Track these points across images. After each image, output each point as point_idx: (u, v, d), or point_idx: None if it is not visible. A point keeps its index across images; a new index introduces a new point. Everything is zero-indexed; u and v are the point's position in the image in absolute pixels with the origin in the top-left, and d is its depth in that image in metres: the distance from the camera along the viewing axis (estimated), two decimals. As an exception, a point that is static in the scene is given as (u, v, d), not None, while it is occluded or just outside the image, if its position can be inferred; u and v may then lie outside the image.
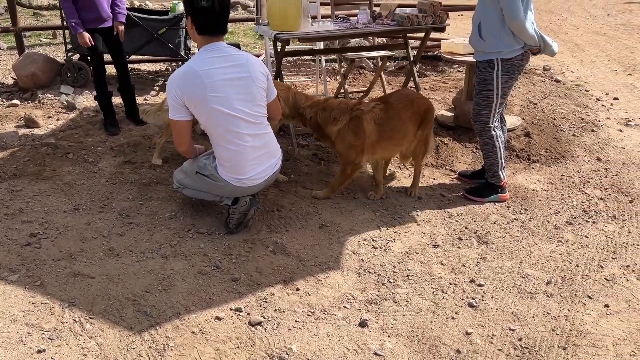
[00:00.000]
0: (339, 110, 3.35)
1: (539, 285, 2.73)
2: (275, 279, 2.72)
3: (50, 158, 3.88)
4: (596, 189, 3.74)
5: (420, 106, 3.44)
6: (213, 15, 2.69)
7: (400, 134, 3.38)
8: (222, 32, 2.78)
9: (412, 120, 3.39)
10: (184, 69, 2.72)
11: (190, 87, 2.68)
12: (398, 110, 3.36)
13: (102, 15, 4.02)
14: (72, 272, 2.70)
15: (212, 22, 2.70)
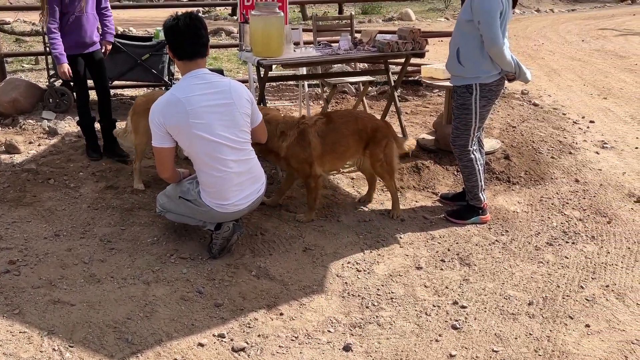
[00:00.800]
0: (285, 124, 3.38)
1: (521, 306, 2.75)
2: (258, 304, 2.71)
3: (31, 184, 3.85)
4: (575, 210, 3.81)
5: (366, 124, 3.50)
6: (184, 37, 2.71)
7: (342, 148, 3.44)
8: (200, 56, 2.79)
9: (354, 136, 3.46)
10: (167, 96, 2.74)
11: (173, 114, 2.70)
12: (339, 125, 3.44)
13: (86, 41, 4.01)
14: (51, 299, 2.66)
15: (186, 44, 2.72)
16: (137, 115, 3.73)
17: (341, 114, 3.61)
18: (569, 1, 22.73)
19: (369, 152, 3.53)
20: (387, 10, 18.64)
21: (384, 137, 3.55)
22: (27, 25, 11.19)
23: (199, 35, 2.75)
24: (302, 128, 3.36)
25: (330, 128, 3.41)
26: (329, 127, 3.41)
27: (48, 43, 3.93)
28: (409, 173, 4.20)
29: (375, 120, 3.64)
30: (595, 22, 15.33)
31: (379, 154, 3.53)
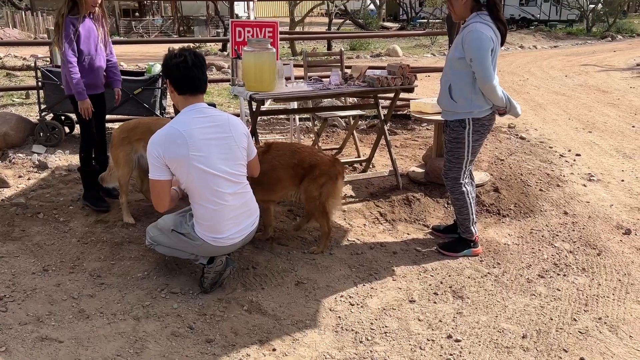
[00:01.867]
0: None
1: (515, 340, 2.74)
2: (251, 339, 2.67)
3: (20, 218, 3.80)
4: (565, 242, 3.83)
5: (304, 159, 3.43)
6: (187, 72, 2.76)
7: (271, 180, 3.41)
8: (201, 91, 2.84)
9: (287, 170, 3.42)
10: (167, 129, 2.76)
11: (173, 146, 2.71)
12: (274, 156, 3.42)
13: (98, 82, 3.92)
14: (39, 336, 2.60)
15: (189, 78, 2.76)
16: (114, 147, 3.71)
17: (281, 146, 3.54)
18: (551, 38, 23.44)
19: (303, 188, 3.47)
20: (374, 46, 19.06)
21: (322, 174, 3.43)
22: (18, 60, 11.28)
23: (203, 71, 2.81)
24: None
25: (265, 159, 3.37)
26: (264, 158, 3.36)
27: (66, 74, 3.65)
28: (399, 205, 4.22)
29: (317, 156, 3.49)
30: (577, 58, 15.79)
31: (312, 191, 3.43)
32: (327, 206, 3.49)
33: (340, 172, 3.57)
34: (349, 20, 25.23)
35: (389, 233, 3.88)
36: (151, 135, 3.57)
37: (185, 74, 2.75)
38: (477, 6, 3.23)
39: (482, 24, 3.15)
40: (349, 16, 25.27)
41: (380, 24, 27.67)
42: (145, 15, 30.51)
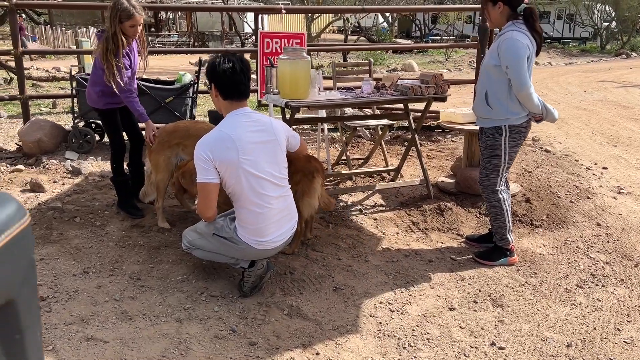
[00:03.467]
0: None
1: (559, 348, 2.71)
2: (293, 343, 2.66)
3: (57, 222, 3.84)
4: (600, 253, 3.80)
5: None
6: (236, 77, 2.80)
7: None
8: (246, 96, 2.89)
9: None
10: (216, 133, 2.79)
11: (223, 150, 2.74)
12: None
13: None
14: (84, 336, 2.61)
15: (236, 84, 2.80)
16: (154, 152, 3.73)
17: None
18: (566, 55, 23.44)
19: None
20: (389, 61, 19.17)
21: (297, 171, 3.32)
22: (42, 72, 11.48)
23: (249, 77, 2.86)
24: None
25: None
26: None
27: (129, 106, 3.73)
28: (432, 214, 4.22)
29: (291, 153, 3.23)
30: (594, 74, 15.76)
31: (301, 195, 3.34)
32: (300, 205, 3.32)
33: (318, 169, 3.44)
34: (363, 37, 25.41)
35: (422, 241, 3.87)
36: (190, 138, 3.61)
37: (232, 80, 2.79)
38: (513, 15, 3.25)
39: (518, 32, 3.18)
40: (363, 33, 25.46)
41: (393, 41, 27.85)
42: (162, 31, 30.95)
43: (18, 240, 0.61)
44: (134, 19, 3.57)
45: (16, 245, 0.60)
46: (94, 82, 3.76)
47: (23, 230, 0.63)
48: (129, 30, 3.61)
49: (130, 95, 3.69)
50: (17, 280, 0.61)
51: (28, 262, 0.64)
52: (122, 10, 3.53)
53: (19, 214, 0.65)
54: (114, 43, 3.53)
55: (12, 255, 0.59)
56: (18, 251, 0.61)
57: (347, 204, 4.44)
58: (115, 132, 3.92)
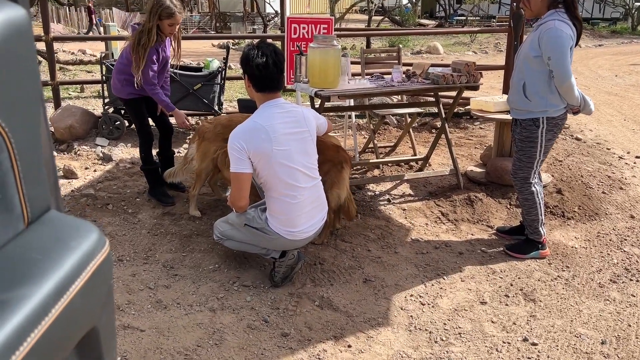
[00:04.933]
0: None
1: (594, 345, 2.68)
2: (325, 335, 2.68)
3: (91, 209, 3.92)
4: (634, 247, 3.73)
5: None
6: (269, 71, 2.79)
7: None
8: (279, 88, 2.88)
9: None
10: (250, 124, 2.80)
11: (257, 141, 2.75)
12: None
13: None
14: (121, 324, 2.67)
15: (269, 78, 2.80)
16: (207, 140, 3.72)
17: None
18: (595, 36, 22.78)
19: None
20: (413, 43, 18.88)
21: (326, 161, 3.26)
22: (68, 55, 11.59)
23: (282, 70, 2.85)
24: None
25: None
26: None
27: (155, 98, 3.78)
28: (461, 205, 4.18)
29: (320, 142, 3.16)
30: (625, 57, 15.30)
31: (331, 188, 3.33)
32: (329, 196, 3.29)
33: (346, 160, 3.40)
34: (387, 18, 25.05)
35: (452, 233, 3.84)
36: None
37: (266, 74, 2.78)
38: (554, 3, 3.16)
39: (561, 21, 3.08)
40: (387, 14, 25.09)
41: (417, 21, 27.40)
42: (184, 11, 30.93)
43: (101, 268, 0.62)
44: (174, 18, 3.60)
45: (99, 273, 0.61)
46: (118, 71, 3.80)
47: (105, 259, 0.64)
48: (167, 28, 3.64)
49: (154, 88, 3.73)
50: (100, 308, 0.63)
51: (108, 288, 0.65)
52: (164, 8, 3.55)
53: (100, 243, 0.66)
54: (148, 37, 3.56)
55: (96, 284, 0.61)
56: (101, 279, 0.62)
57: (375, 194, 4.42)
58: (141, 121, 3.95)
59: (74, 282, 0.58)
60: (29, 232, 0.62)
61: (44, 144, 0.66)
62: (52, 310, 0.53)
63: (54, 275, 0.55)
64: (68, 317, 0.56)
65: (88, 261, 0.61)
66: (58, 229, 0.65)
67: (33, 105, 0.64)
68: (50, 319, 0.52)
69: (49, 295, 0.53)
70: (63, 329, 0.55)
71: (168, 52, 3.89)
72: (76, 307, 0.57)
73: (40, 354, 0.50)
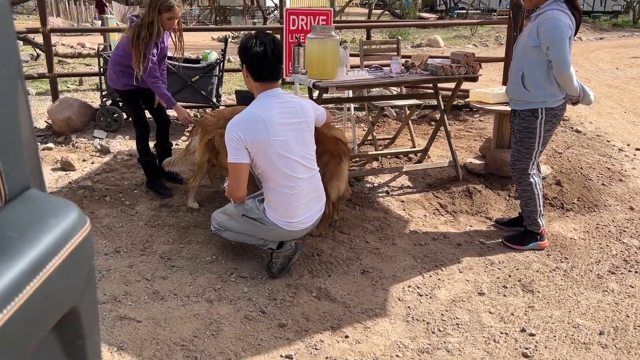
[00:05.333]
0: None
1: (591, 336, 2.67)
2: (322, 326, 2.68)
3: (88, 201, 3.91)
4: (633, 238, 3.72)
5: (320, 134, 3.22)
6: (267, 60, 2.77)
7: None
8: (278, 78, 2.86)
9: None
10: (247, 114, 2.78)
11: (254, 131, 2.73)
12: None
13: None
14: (118, 315, 2.66)
15: (267, 67, 2.78)
16: (209, 133, 3.70)
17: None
18: (596, 29, 22.67)
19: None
20: (414, 36, 18.80)
21: (325, 152, 3.27)
22: (67, 48, 11.55)
23: (281, 59, 2.83)
24: None
25: None
26: None
27: (155, 92, 3.77)
28: (460, 197, 4.16)
29: (319, 133, 3.19)
30: (626, 50, 15.23)
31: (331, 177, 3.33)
32: (328, 188, 3.29)
33: (345, 152, 3.39)
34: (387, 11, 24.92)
35: (450, 224, 3.83)
36: None
37: (264, 63, 2.76)
38: (553, -7, 3.13)
39: (560, 11, 3.06)
40: (387, 7, 24.96)
41: (417, 15, 27.27)
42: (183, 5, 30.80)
43: (81, 248, 0.61)
44: (173, 11, 3.59)
45: (79, 253, 0.60)
46: (114, 62, 3.79)
47: (85, 238, 0.62)
48: (166, 22, 3.64)
49: (156, 81, 3.71)
50: (80, 287, 0.61)
51: (89, 268, 0.64)
52: (163, 2, 3.54)
53: (80, 222, 0.65)
54: (148, 32, 3.54)
55: (75, 263, 0.59)
56: (81, 259, 0.61)
57: (373, 186, 4.41)
58: (137, 113, 3.93)
59: (51, 260, 0.56)
60: (7, 210, 0.60)
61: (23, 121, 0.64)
62: (26, 287, 0.52)
63: (29, 253, 0.54)
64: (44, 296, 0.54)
65: (67, 240, 0.60)
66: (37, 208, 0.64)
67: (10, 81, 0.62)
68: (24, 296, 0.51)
69: (23, 273, 0.52)
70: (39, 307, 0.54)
71: (167, 43, 3.88)
72: (53, 286, 0.56)
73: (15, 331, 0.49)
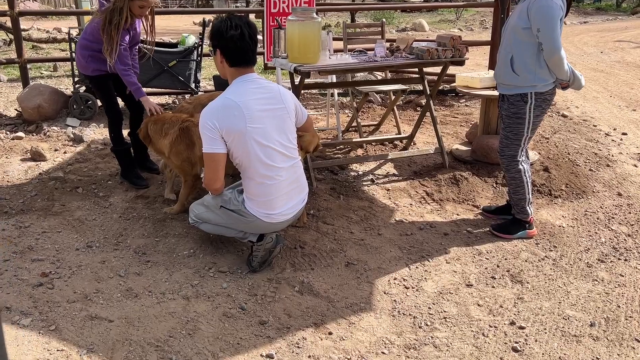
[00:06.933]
0: (170, 123, 3.32)
1: (582, 328, 2.59)
2: (305, 322, 2.56)
3: (59, 192, 3.72)
4: (622, 225, 3.65)
5: None
6: (244, 43, 2.61)
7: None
8: (253, 63, 2.70)
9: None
10: (222, 100, 2.62)
11: (230, 118, 2.58)
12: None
13: None
14: (88, 315, 2.52)
15: (244, 51, 2.62)
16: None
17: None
18: (580, 13, 22.68)
19: None
20: (399, 21, 18.61)
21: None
22: (42, 33, 11.17)
23: (256, 42, 2.67)
24: (184, 126, 3.28)
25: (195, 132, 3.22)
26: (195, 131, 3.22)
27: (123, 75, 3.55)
28: (446, 184, 4.06)
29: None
30: (610, 34, 15.22)
31: None
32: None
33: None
34: (371, -5, 24.64)
35: (437, 213, 3.73)
36: None
37: (240, 47, 2.60)
38: (543, -28, 3.00)
39: (550, -9, 2.93)
40: (372, -10, 24.66)
41: (402, -2, 26.99)
42: (164, -11, 30.12)
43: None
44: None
45: None
46: (82, 46, 3.61)
47: None
48: (137, 9, 3.48)
49: (126, 69, 3.55)
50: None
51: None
52: None
53: None
54: (120, 17, 3.37)
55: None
56: None
57: (358, 174, 4.28)
58: (108, 100, 3.77)
59: None
60: None
61: None
62: None
63: None
64: None
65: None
66: None
67: None
68: None
69: None
70: None
71: (139, 29, 3.70)
72: None
73: None
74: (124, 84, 3.72)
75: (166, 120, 3.37)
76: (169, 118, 3.38)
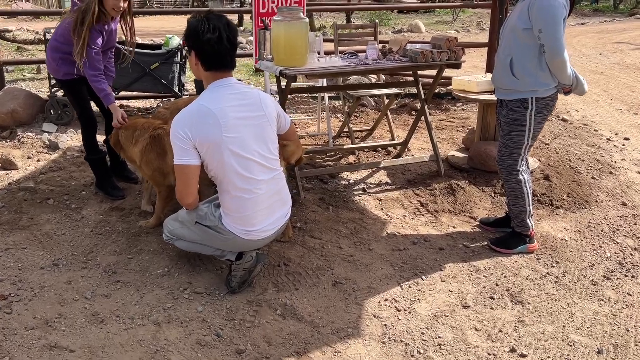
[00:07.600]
0: (140, 130, 3.13)
1: (589, 355, 2.38)
2: (286, 351, 2.34)
3: (28, 204, 3.49)
4: (628, 237, 3.44)
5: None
6: (222, 46, 2.39)
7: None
8: (232, 67, 2.48)
9: None
10: (195, 107, 2.39)
11: (203, 127, 2.35)
12: None
13: None
14: (47, 344, 2.28)
15: (222, 55, 2.40)
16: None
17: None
18: (577, 15, 22.52)
19: None
20: (395, 22, 18.42)
21: None
22: (30, 34, 10.91)
23: (236, 45, 2.45)
24: (156, 134, 3.08)
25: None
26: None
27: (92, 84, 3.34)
28: (442, 194, 3.84)
29: None
30: (608, 35, 15.06)
31: None
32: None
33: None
34: (367, -4, 24.44)
35: (432, 226, 3.50)
36: None
37: (218, 50, 2.37)
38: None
39: (552, -11, 2.71)
40: (367, -9, 24.46)
41: None
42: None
43: None
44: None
45: None
46: (53, 48, 3.38)
47: None
48: (110, 10, 3.26)
49: (96, 74, 3.31)
50: None
51: None
52: None
53: None
54: (92, 16, 3.13)
55: None
56: None
57: (349, 182, 4.06)
58: (81, 105, 3.54)
59: None
60: None
61: None
62: None
63: None
64: None
65: None
66: None
67: None
68: None
69: None
70: None
71: (114, 31, 3.46)
72: None
73: None
74: None
75: (138, 126, 3.14)
76: (141, 124, 3.16)
